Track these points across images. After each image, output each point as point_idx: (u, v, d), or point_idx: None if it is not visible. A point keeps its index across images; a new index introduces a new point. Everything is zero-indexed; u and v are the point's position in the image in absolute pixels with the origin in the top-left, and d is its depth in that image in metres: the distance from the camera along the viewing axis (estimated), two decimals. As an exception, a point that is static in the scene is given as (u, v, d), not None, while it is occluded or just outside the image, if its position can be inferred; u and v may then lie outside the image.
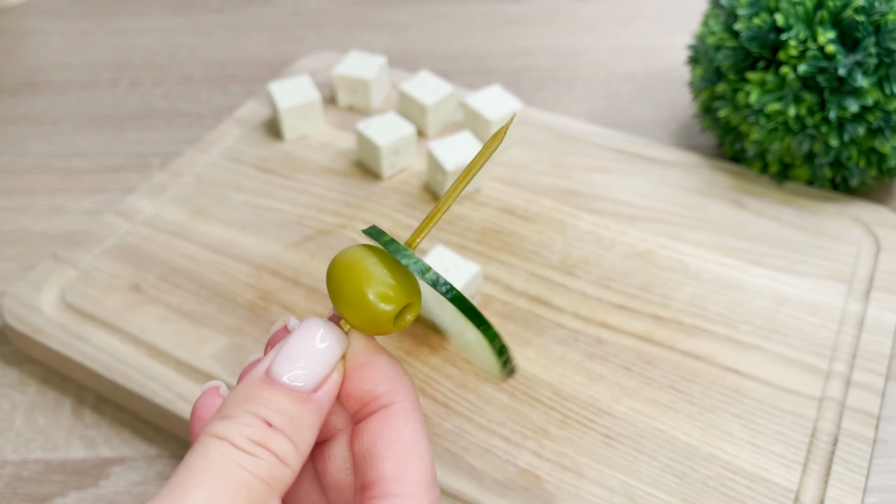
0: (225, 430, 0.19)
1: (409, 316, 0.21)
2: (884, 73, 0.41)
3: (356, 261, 0.21)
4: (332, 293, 0.22)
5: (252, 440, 0.19)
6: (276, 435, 0.19)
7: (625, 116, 0.56)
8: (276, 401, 0.20)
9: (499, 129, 0.22)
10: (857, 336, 0.39)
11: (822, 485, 0.33)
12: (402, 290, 0.21)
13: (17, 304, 0.41)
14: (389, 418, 0.21)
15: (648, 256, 0.43)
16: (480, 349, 0.23)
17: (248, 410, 0.19)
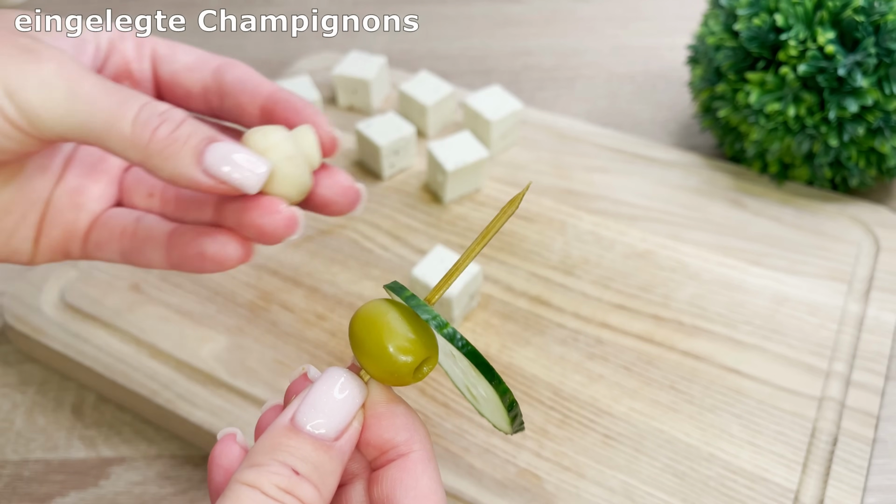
0: (256, 478, 0.20)
1: (426, 368, 0.23)
2: (883, 74, 0.41)
3: (378, 315, 0.22)
4: (354, 345, 0.23)
5: (281, 488, 0.20)
6: (302, 482, 0.21)
7: (625, 116, 0.56)
8: (301, 449, 0.21)
9: (515, 195, 0.23)
10: (856, 336, 0.39)
11: (822, 484, 0.33)
12: (421, 344, 0.22)
13: (18, 304, 0.41)
14: (407, 467, 0.23)
15: (648, 256, 0.43)
16: (491, 403, 0.24)
17: (276, 459, 0.21)
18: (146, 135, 0.23)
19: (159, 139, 0.23)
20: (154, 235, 0.27)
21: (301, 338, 0.39)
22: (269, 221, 0.24)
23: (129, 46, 0.27)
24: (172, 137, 0.23)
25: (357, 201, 0.26)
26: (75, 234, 0.28)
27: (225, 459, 0.24)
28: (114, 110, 0.23)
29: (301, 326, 0.40)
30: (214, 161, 0.23)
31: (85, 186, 0.28)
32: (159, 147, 0.23)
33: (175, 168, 0.23)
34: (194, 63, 0.27)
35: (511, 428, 0.24)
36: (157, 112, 0.23)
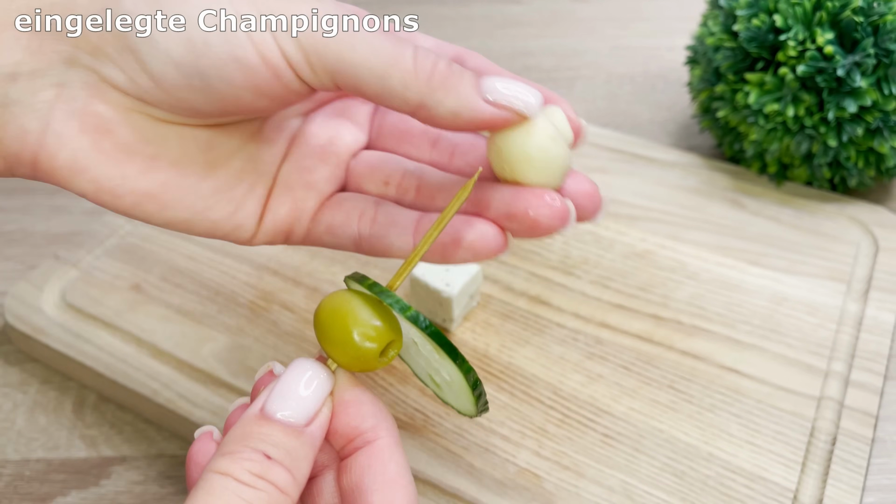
0: (227, 466, 0.20)
1: (392, 352, 0.23)
2: (882, 74, 0.41)
3: (341, 304, 0.23)
4: (319, 335, 0.23)
5: (253, 473, 0.20)
6: (275, 466, 0.21)
7: (624, 117, 0.56)
8: (273, 435, 0.21)
9: (465, 183, 0.24)
10: (855, 336, 0.39)
11: (821, 484, 0.33)
12: (385, 329, 0.23)
13: (19, 304, 0.41)
14: (375, 453, 0.23)
15: (647, 256, 0.43)
16: (455, 386, 0.25)
17: (247, 446, 0.21)
18: (428, 67, 0.22)
19: (440, 71, 0.22)
20: (399, 221, 0.26)
21: (301, 338, 0.39)
22: (543, 213, 0.23)
23: None
24: (451, 70, 0.22)
25: (598, 209, 0.25)
26: (303, 214, 0.27)
27: (202, 457, 0.24)
28: (395, 47, 0.22)
29: (301, 326, 0.40)
30: (491, 89, 0.22)
31: (314, 166, 0.27)
32: (441, 79, 0.22)
33: (458, 99, 0.22)
34: (434, 48, 0.26)
35: (476, 408, 0.25)
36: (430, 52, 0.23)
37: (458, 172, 0.27)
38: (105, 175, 0.23)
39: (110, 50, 0.22)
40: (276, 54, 0.21)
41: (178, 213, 0.24)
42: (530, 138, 0.23)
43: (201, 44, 0.21)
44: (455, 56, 0.26)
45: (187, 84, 0.22)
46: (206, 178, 0.25)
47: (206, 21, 0.21)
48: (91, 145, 0.23)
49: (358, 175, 0.28)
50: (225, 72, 0.21)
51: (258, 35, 0.21)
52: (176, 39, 0.21)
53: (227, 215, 0.25)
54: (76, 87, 0.22)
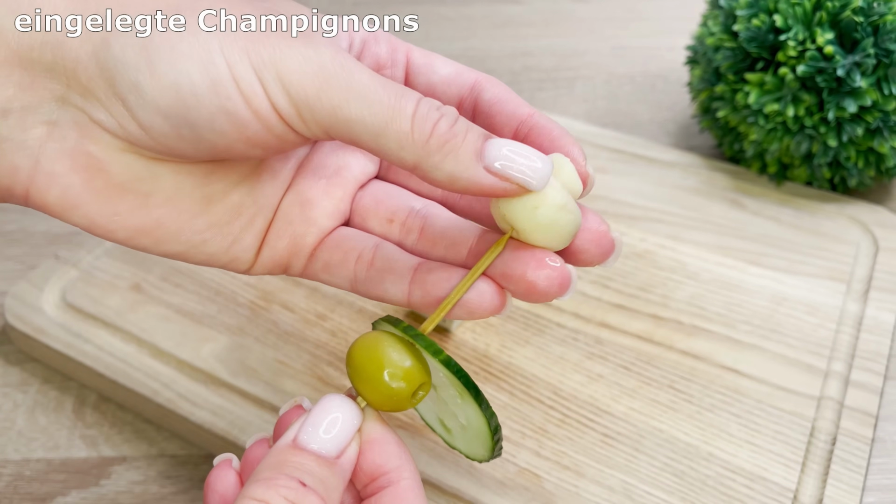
0: (264, 492, 0.21)
1: (421, 393, 0.24)
2: (882, 74, 0.41)
3: (375, 345, 0.23)
4: (352, 373, 0.24)
5: (289, 500, 0.21)
6: (310, 494, 0.21)
7: (624, 117, 0.56)
8: (306, 464, 0.22)
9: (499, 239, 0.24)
10: (855, 336, 0.39)
11: (821, 484, 0.33)
12: (416, 371, 0.23)
13: (19, 304, 0.41)
14: (399, 494, 0.23)
15: (647, 256, 0.43)
16: (472, 431, 0.25)
17: (283, 472, 0.21)
18: (427, 129, 0.21)
19: (440, 134, 0.21)
20: (396, 268, 0.25)
21: (301, 337, 0.39)
22: (542, 277, 0.22)
23: (382, 50, 0.26)
24: (452, 132, 0.21)
25: (610, 252, 0.24)
26: (302, 250, 0.26)
27: (220, 484, 0.24)
28: (393, 103, 0.21)
29: (302, 326, 0.40)
30: (495, 157, 0.21)
31: (316, 199, 0.26)
32: (440, 143, 0.21)
33: (455, 166, 0.21)
34: (452, 76, 0.26)
35: (491, 454, 0.25)
36: (434, 106, 0.22)
37: (468, 210, 0.27)
38: (97, 212, 0.23)
39: (100, 94, 0.21)
40: (266, 108, 0.21)
41: (172, 246, 0.24)
42: (538, 211, 0.22)
43: (189, 95, 0.20)
44: (474, 84, 0.26)
45: (176, 134, 0.21)
46: (201, 214, 0.24)
47: (195, 71, 0.20)
48: (83, 183, 0.22)
49: (363, 209, 0.27)
50: (215, 124, 0.21)
51: (248, 87, 0.20)
52: (164, 90, 0.20)
53: (223, 249, 0.25)
54: (67, 126, 0.22)
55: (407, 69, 0.26)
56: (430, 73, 0.26)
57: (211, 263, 0.25)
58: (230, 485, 0.24)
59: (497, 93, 0.25)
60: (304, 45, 0.21)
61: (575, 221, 0.23)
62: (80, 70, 0.21)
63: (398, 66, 0.26)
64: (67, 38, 0.21)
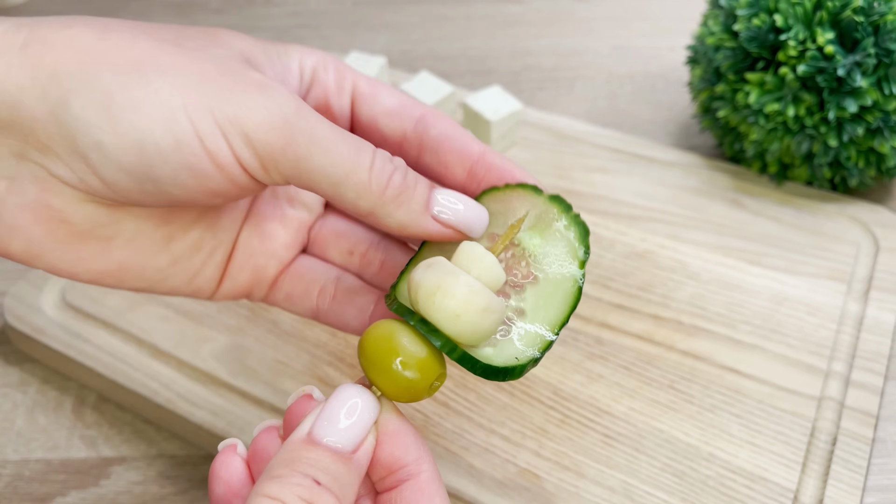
0: (278, 490, 0.20)
1: (436, 383, 0.23)
2: (883, 74, 0.41)
3: (391, 335, 0.23)
4: (365, 363, 0.23)
5: (303, 499, 0.20)
6: (324, 492, 0.21)
7: (624, 117, 0.56)
8: (321, 461, 0.21)
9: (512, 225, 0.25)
10: (856, 336, 0.39)
11: (822, 484, 0.33)
12: (434, 362, 0.23)
13: (18, 304, 0.41)
14: (421, 487, 0.23)
15: (648, 256, 0.43)
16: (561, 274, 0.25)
17: (296, 470, 0.21)
18: (383, 181, 0.22)
19: (394, 186, 0.23)
20: (358, 302, 0.26)
21: (301, 337, 0.39)
22: None
23: (330, 79, 0.26)
24: (405, 184, 0.23)
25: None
26: (263, 280, 0.27)
27: (225, 471, 0.24)
28: (352, 156, 0.22)
29: (301, 326, 0.40)
30: (441, 207, 0.24)
31: (275, 231, 0.27)
32: (394, 194, 0.23)
33: (406, 215, 0.23)
34: (397, 108, 0.26)
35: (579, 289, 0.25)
36: (387, 158, 0.23)
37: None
38: (60, 259, 0.23)
39: (60, 151, 0.21)
40: (231, 162, 0.21)
41: (136, 283, 0.25)
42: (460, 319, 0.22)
43: (154, 153, 0.21)
44: (420, 118, 0.26)
45: (139, 188, 0.21)
46: (163, 252, 0.25)
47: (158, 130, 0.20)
48: (45, 234, 0.22)
49: (322, 239, 0.28)
50: (178, 179, 0.21)
51: (213, 144, 0.21)
52: (127, 148, 0.20)
53: (185, 282, 0.26)
54: (26, 181, 0.22)
55: (353, 98, 0.27)
56: (374, 104, 0.27)
57: (175, 294, 0.26)
58: (236, 472, 0.24)
59: (444, 129, 0.26)
60: (266, 98, 0.21)
61: (498, 320, 0.23)
62: (38, 128, 0.21)
63: (344, 95, 0.27)
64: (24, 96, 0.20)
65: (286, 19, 0.69)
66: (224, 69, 0.22)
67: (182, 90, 0.21)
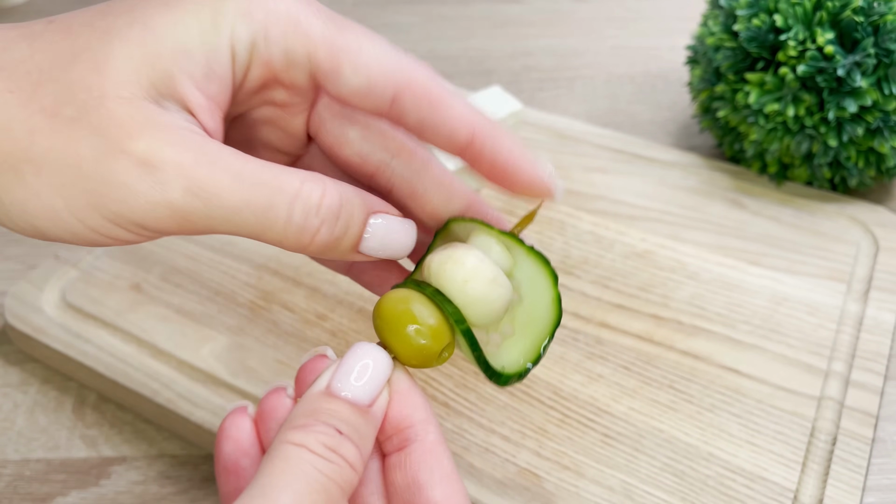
0: (302, 437, 0.21)
1: (445, 353, 0.24)
2: (882, 74, 0.41)
3: (407, 300, 0.24)
4: (381, 325, 0.24)
5: (327, 446, 0.21)
6: (346, 442, 0.21)
7: (624, 117, 0.56)
8: (341, 412, 0.22)
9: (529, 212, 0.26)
10: (855, 336, 0.39)
11: (821, 484, 0.33)
12: (445, 331, 0.24)
13: (19, 304, 0.41)
14: (431, 448, 0.23)
15: (648, 256, 0.43)
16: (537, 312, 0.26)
17: (319, 420, 0.21)
18: (304, 240, 0.22)
19: (319, 242, 0.22)
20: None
21: (302, 337, 0.39)
22: None
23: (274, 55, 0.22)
24: (332, 236, 0.22)
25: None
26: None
27: (236, 430, 0.24)
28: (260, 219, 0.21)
29: (302, 326, 0.40)
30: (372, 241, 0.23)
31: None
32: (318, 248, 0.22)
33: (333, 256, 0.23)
34: (365, 88, 0.22)
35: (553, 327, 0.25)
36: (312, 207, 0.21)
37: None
38: None
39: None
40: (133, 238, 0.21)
41: None
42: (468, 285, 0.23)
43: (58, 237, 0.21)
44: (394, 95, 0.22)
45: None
46: None
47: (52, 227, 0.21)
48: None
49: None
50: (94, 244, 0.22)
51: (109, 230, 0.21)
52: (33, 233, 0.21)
53: None
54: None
55: (312, 77, 0.23)
56: (337, 84, 0.23)
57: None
58: (245, 431, 0.24)
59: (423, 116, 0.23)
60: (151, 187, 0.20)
61: (507, 297, 0.24)
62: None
63: (300, 70, 0.22)
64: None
65: (286, 19, 0.69)
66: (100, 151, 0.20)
67: (60, 190, 0.20)
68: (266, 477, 0.20)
